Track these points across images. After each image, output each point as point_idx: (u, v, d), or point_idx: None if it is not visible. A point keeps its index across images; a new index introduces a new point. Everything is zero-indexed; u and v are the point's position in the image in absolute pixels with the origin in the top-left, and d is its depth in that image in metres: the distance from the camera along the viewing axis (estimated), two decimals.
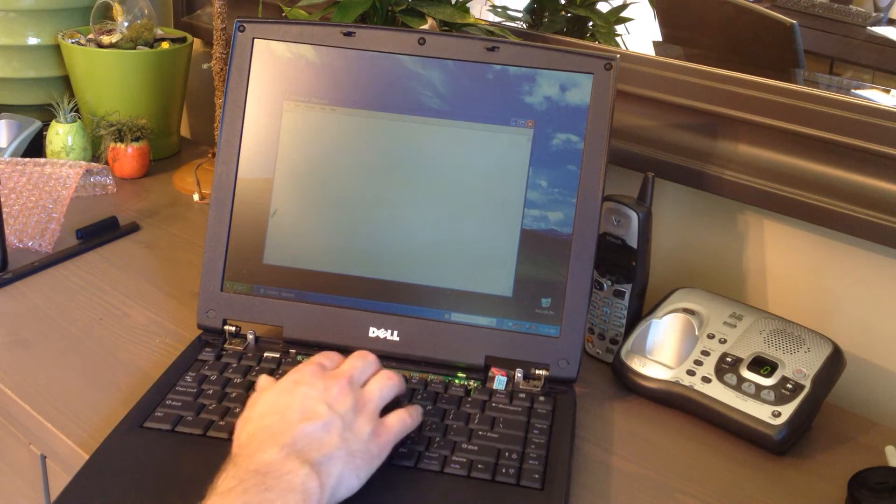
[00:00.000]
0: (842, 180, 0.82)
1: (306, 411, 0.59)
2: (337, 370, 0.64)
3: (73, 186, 1.04)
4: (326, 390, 0.61)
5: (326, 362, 0.65)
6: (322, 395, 0.60)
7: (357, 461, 0.58)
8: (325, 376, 0.63)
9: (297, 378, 0.62)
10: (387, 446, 0.62)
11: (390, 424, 0.63)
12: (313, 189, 0.78)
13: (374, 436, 0.61)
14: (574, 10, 1.14)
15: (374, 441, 0.60)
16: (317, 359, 0.66)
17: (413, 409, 0.66)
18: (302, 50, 0.78)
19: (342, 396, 0.61)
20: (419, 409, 0.67)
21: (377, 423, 0.62)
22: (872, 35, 1.09)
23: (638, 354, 0.79)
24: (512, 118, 0.76)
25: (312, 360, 0.65)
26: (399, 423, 0.63)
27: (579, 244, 0.74)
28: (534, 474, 0.64)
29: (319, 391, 0.61)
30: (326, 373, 0.63)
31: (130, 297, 0.90)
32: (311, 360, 0.65)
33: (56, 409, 0.73)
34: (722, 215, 0.92)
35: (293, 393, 0.61)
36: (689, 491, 0.68)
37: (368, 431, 0.60)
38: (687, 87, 0.90)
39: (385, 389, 0.64)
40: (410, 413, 0.65)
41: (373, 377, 0.65)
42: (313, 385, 0.61)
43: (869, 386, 0.85)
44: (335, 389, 0.61)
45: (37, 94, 1.28)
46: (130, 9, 1.22)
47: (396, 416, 0.64)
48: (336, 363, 0.66)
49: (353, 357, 0.66)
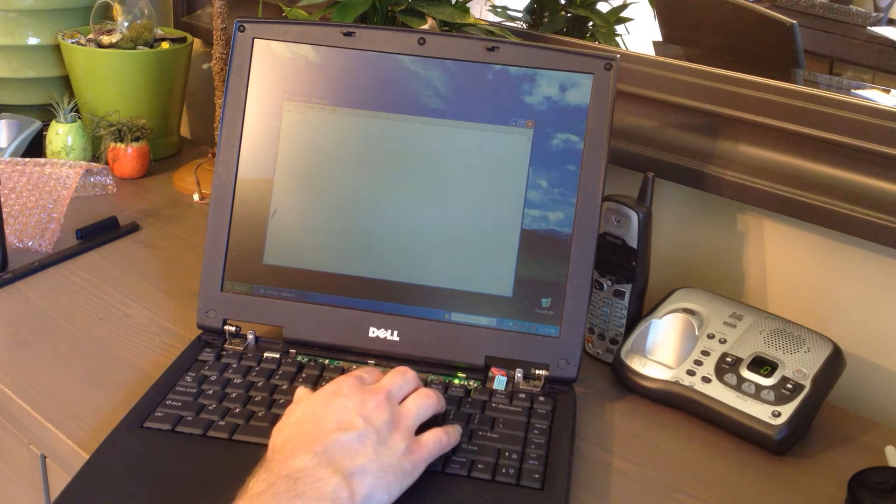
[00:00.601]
0: (842, 180, 0.82)
1: (342, 422, 0.59)
2: (376, 385, 0.64)
3: (73, 186, 1.04)
4: (363, 403, 0.60)
5: (366, 376, 0.65)
6: (359, 408, 0.60)
7: (389, 477, 0.58)
8: (363, 389, 0.62)
9: (335, 389, 0.62)
10: (420, 464, 0.61)
11: (425, 442, 0.62)
12: (313, 189, 0.78)
13: (408, 452, 0.60)
14: (574, 10, 1.14)
15: (408, 458, 0.60)
16: (357, 372, 0.65)
17: (452, 428, 0.65)
18: (302, 50, 0.78)
19: (379, 410, 0.60)
20: (458, 428, 0.66)
21: (412, 440, 0.61)
22: (872, 35, 1.09)
23: (638, 354, 0.79)
24: (512, 118, 0.76)
25: (352, 373, 0.65)
26: (435, 441, 0.63)
27: (579, 244, 0.74)
28: (534, 474, 0.64)
29: (357, 403, 0.60)
30: (365, 386, 0.63)
31: (130, 297, 0.90)
32: (350, 373, 0.65)
33: (56, 409, 0.73)
34: (722, 215, 0.92)
35: (330, 403, 0.61)
36: (689, 491, 0.68)
37: (403, 448, 0.60)
38: (687, 87, 0.90)
39: (423, 407, 0.64)
40: (448, 432, 0.64)
41: (411, 394, 0.65)
42: (351, 397, 0.61)
43: (869, 386, 0.85)
44: (372, 403, 0.61)
45: (37, 94, 1.28)
46: (130, 9, 1.22)
47: (433, 434, 0.63)
48: (375, 378, 0.65)
49: (392, 373, 0.66)
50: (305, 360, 0.76)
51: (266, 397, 0.71)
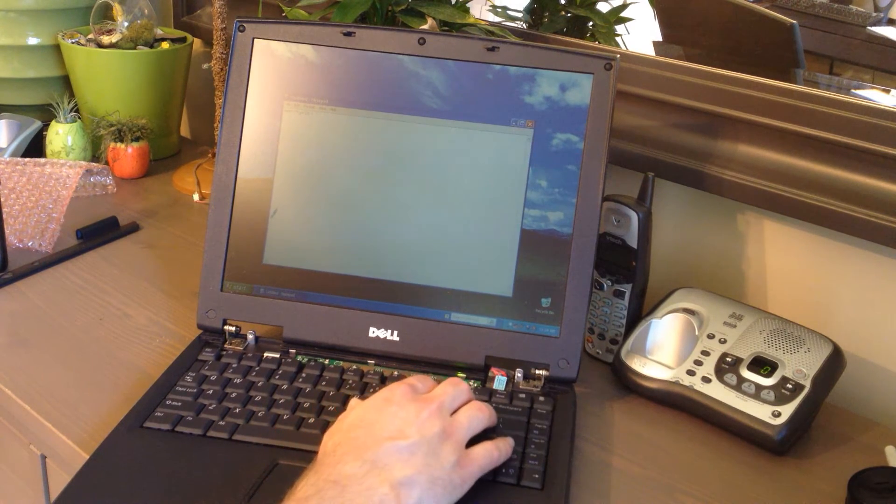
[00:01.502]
0: (842, 180, 0.82)
1: (394, 430, 0.58)
2: (429, 394, 0.63)
3: (73, 186, 1.04)
4: (417, 413, 0.60)
5: (419, 385, 0.64)
6: (411, 417, 0.59)
7: (437, 489, 0.57)
8: (416, 399, 0.61)
9: (387, 396, 0.62)
10: (470, 478, 0.60)
11: (476, 456, 0.61)
12: (313, 189, 0.78)
13: (458, 466, 0.59)
14: (574, 10, 1.14)
15: (458, 471, 0.59)
16: (410, 380, 0.64)
17: (503, 441, 0.64)
18: (302, 50, 0.78)
19: (431, 421, 0.60)
20: (511, 442, 0.65)
21: (463, 453, 0.60)
22: (872, 35, 1.09)
23: (638, 354, 0.79)
24: (512, 118, 0.76)
25: (405, 380, 0.64)
26: (486, 455, 0.62)
27: (579, 244, 0.74)
28: (534, 474, 0.64)
29: (409, 413, 0.60)
30: (418, 396, 0.62)
31: (130, 297, 0.90)
32: (404, 380, 0.64)
33: (56, 409, 0.73)
34: (722, 215, 0.92)
35: (383, 410, 0.60)
36: (689, 491, 0.68)
37: (453, 461, 0.59)
38: (687, 87, 0.90)
39: (475, 420, 0.63)
40: (499, 446, 0.63)
41: (463, 406, 0.64)
42: (403, 406, 0.60)
43: (869, 386, 0.85)
44: (425, 413, 0.60)
45: (37, 94, 1.28)
46: (130, 9, 1.22)
47: (483, 447, 0.62)
48: (429, 387, 0.64)
49: (445, 383, 0.64)
50: (305, 360, 0.76)
51: (266, 397, 0.71)
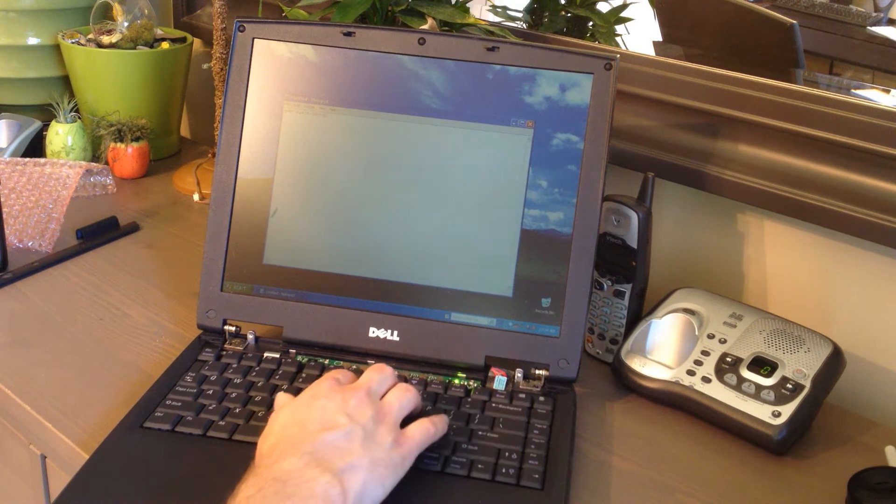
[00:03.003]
0: (842, 180, 0.82)
1: (326, 422, 0.59)
2: (354, 383, 0.64)
3: (73, 186, 1.04)
4: (345, 402, 0.61)
5: (341, 377, 0.65)
6: (341, 407, 0.60)
7: (381, 470, 0.58)
8: (342, 389, 0.62)
9: (314, 392, 0.62)
10: (409, 455, 0.61)
11: (412, 433, 0.62)
12: (313, 189, 0.78)
13: (396, 445, 0.60)
14: (574, 10, 1.14)
15: (397, 450, 0.60)
16: (331, 374, 0.65)
17: (438, 417, 0.65)
18: (302, 50, 0.78)
19: (361, 407, 0.60)
20: (445, 418, 0.66)
21: (398, 432, 0.61)
22: (872, 35, 1.09)
23: (638, 354, 0.79)
24: (512, 118, 0.76)
25: (327, 375, 0.65)
26: (422, 431, 0.63)
27: (579, 244, 0.74)
28: (534, 474, 0.64)
29: (338, 403, 0.60)
30: (343, 386, 0.63)
31: (130, 297, 0.90)
32: (325, 375, 0.65)
33: (56, 409, 0.73)
34: (722, 215, 0.92)
35: (311, 406, 0.60)
36: (689, 491, 0.68)
37: (390, 440, 0.60)
38: (687, 87, 0.90)
39: (404, 400, 0.64)
40: (434, 422, 0.64)
41: (391, 389, 0.65)
42: (331, 398, 0.61)
43: (869, 386, 0.85)
44: (354, 400, 0.61)
45: (37, 94, 1.28)
46: (130, 9, 1.22)
47: (419, 424, 0.63)
48: (350, 378, 0.65)
49: (370, 370, 0.66)
50: (305, 360, 0.76)
51: (266, 397, 0.71)
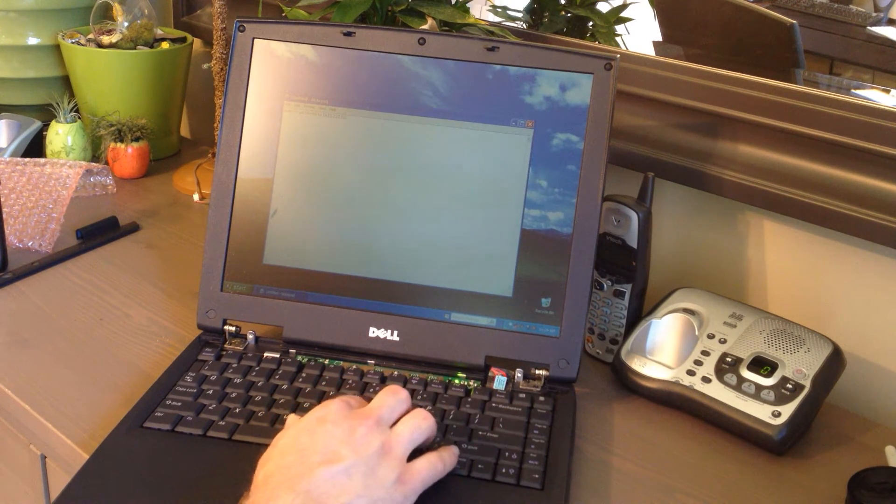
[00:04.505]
0: (842, 180, 0.82)
1: (327, 453, 0.55)
2: (366, 408, 0.60)
3: (73, 186, 1.04)
4: (351, 431, 0.57)
5: (353, 401, 0.61)
6: (346, 436, 0.56)
7: None
8: (351, 415, 0.58)
9: (321, 415, 0.58)
10: (412, 494, 0.57)
11: (419, 469, 0.58)
12: (313, 189, 0.78)
13: (399, 482, 0.56)
14: (574, 10, 1.14)
15: (399, 488, 0.56)
16: (343, 398, 0.61)
17: (447, 451, 0.62)
18: (302, 50, 0.78)
19: (368, 437, 0.57)
20: (455, 451, 0.63)
21: (404, 468, 0.57)
22: (872, 35, 1.09)
23: (638, 354, 0.79)
24: (512, 118, 0.76)
25: (338, 398, 0.60)
26: (429, 468, 0.59)
27: (579, 244, 0.74)
28: (534, 474, 0.64)
29: (344, 431, 0.57)
30: (353, 411, 0.59)
31: (130, 297, 0.90)
32: (336, 398, 0.61)
33: (56, 409, 0.73)
34: (722, 215, 0.92)
35: (315, 432, 0.57)
36: (689, 491, 0.68)
37: (393, 478, 0.56)
38: (687, 87, 0.90)
39: (416, 432, 0.60)
40: (442, 457, 0.61)
41: (403, 417, 0.61)
42: (338, 424, 0.57)
43: (869, 386, 0.85)
44: (362, 429, 0.57)
45: (37, 94, 1.28)
46: (130, 9, 1.22)
47: (427, 460, 0.59)
48: (361, 403, 0.62)
49: (383, 393, 0.61)
50: (305, 360, 0.76)
51: (266, 397, 0.71)
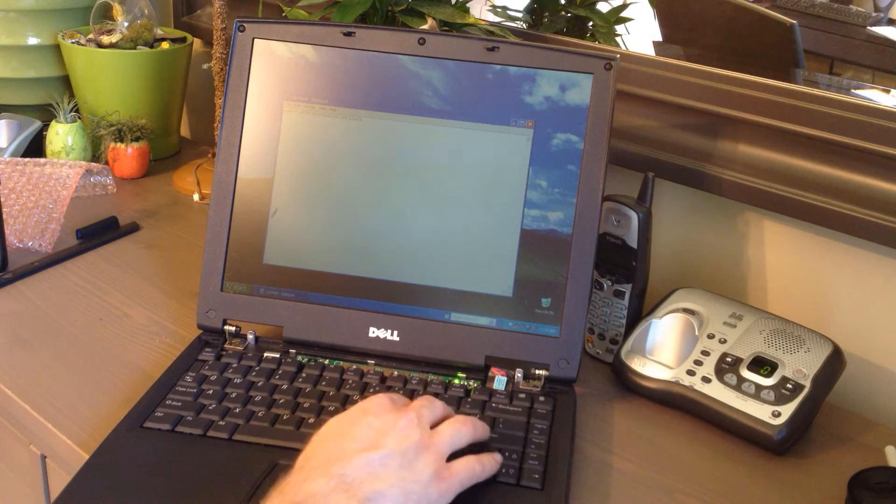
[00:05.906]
0: (842, 180, 0.82)
1: (367, 441, 0.55)
2: (407, 406, 0.60)
3: (73, 186, 1.04)
4: (393, 422, 0.57)
5: (396, 398, 0.61)
6: (387, 427, 0.56)
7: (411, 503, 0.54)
8: (393, 409, 0.59)
9: (364, 407, 0.59)
10: (448, 493, 0.56)
11: (457, 469, 0.57)
12: (313, 189, 0.78)
13: (435, 479, 0.55)
14: (574, 10, 1.14)
15: (435, 485, 0.55)
16: (386, 394, 0.61)
17: (488, 457, 0.61)
18: (302, 50, 0.78)
19: (407, 430, 0.57)
20: (497, 458, 0.62)
21: (442, 465, 0.57)
22: (872, 35, 1.10)
23: (638, 354, 0.79)
24: (512, 118, 0.76)
25: (383, 394, 0.61)
26: (467, 469, 0.58)
27: (579, 244, 0.74)
28: (534, 474, 0.64)
29: (384, 423, 0.57)
30: (396, 406, 0.60)
31: (130, 297, 0.90)
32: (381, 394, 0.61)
33: (56, 409, 0.73)
34: (722, 215, 0.92)
35: (357, 421, 0.57)
36: (689, 491, 0.68)
37: (430, 473, 0.55)
38: (687, 87, 0.90)
39: (458, 434, 0.59)
40: (483, 461, 0.60)
41: (446, 419, 0.61)
42: (380, 416, 0.57)
43: (869, 386, 0.85)
44: (402, 422, 0.57)
45: (37, 94, 1.28)
46: (130, 9, 1.22)
47: (466, 461, 0.59)
48: (404, 402, 0.62)
49: (420, 399, 0.62)
50: (305, 360, 0.76)
51: (266, 397, 0.71)
